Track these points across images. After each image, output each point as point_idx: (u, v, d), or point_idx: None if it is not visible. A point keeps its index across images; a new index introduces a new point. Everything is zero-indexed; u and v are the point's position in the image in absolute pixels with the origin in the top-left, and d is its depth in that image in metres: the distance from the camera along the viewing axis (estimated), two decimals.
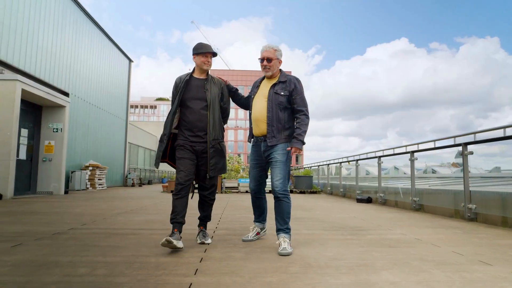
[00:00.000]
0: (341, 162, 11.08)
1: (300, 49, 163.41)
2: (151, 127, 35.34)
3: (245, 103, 3.05)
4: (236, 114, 71.80)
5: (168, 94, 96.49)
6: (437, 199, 5.43)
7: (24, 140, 9.08)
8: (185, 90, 2.81)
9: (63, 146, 9.96)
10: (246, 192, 11.66)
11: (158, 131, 37.10)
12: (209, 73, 2.95)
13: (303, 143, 2.66)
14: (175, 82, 2.89)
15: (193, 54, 2.86)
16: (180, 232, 2.57)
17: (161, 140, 2.78)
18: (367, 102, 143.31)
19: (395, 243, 2.97)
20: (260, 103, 2.79)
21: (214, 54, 2.88)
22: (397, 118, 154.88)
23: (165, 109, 78.60)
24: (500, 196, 4.10)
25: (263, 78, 2.94)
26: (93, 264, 2.16)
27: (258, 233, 2.98)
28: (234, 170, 14.32)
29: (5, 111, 7.76)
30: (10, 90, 7.85)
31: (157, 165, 2.73)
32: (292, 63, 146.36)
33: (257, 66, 2.85)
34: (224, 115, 2.98)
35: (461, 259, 2.40)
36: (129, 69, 19.45)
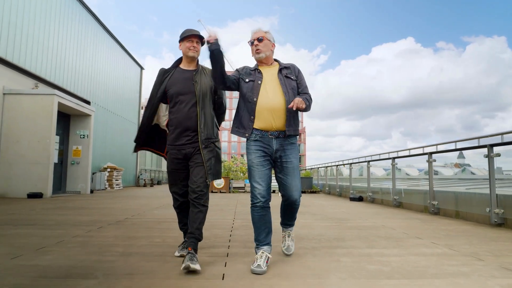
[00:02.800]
0: (337, 165, 12.23)
1: (306, 49, 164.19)
2: None
3: (227, 82, 2.41)
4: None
5: None
6: (412, 197, 6.59)
7: (56, 146, 10.30)
8: (170, 84, 2.51)
9: (89, 150, 11.19)
10: None
11: None
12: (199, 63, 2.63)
13: (306, 104, 2.40)
14: (159, 73, 2.60)
15: (179, 42, 2.56)
16: None
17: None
18: (371, 102, 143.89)
19: (365, 228, 4.13)
20: (273, 90, 2.40)
21: (201, 38, 2.53)
22: (402, 118, 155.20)
23: None
24: (454, 194, 5.25)
25: (256, 67, 2.55)
26: (162, 237, 3.35)
27: (267, 261, 2.26)
28: (240, 171, 15.47)
29: (45, 121, 8.98)
30: (49, 103, 9.07)
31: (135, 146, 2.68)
32: (297, 63, 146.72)
33: None
34: (221, 111, 2.68)
35: (404, 236, 3.56)
36: (141, 76, 20.73)
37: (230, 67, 2.83)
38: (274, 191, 12.03)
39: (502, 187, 4.55)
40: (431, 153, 5.76)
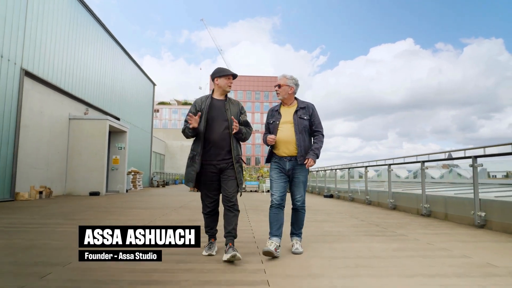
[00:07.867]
0: (317, 171, 15.65)
1: (305, 50, 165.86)
2: (160, 134, 39.32)
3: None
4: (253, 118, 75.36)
5: (170, 97, 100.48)
6: (358, 195, 10.00)
7: None
8: (207, 110, 2.98)
9: (125, 159, 14.41)
10: (251, 191, 16.20)
11: (167, 137, 41.22)
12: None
13: (317, 156, 3.14)
14: (196, 103, 3.05)
15: (216, 77, 3.06)
16: (215, 239, 3.12)
17: (192, 159, 2.99)
18: (369, 103, 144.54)
19: (319, 210, 7.49)
20: (288, 128, 3.16)
21: (234, 76, 3.10)
22: (398, 118, 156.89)
23: (167, 113, 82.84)
24: (376, 192, 8.68)
25: (279, 106, 3.33)
26: None
27: (276, 249, 2.97)
28: None
29: (99, 139, 12.21)
30: (103, 126, 12.30)
31: (191, 185, 3.02)
32: (297, 64, 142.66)
33: (262, 71, 4.55)
34: (249, 128, 3.18)
35: (337, 214, 6.92)
36: (153, 91, 23.97)
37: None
38: (268, 191, 15.44)
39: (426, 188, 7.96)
40: (366, 167, 9.18)
